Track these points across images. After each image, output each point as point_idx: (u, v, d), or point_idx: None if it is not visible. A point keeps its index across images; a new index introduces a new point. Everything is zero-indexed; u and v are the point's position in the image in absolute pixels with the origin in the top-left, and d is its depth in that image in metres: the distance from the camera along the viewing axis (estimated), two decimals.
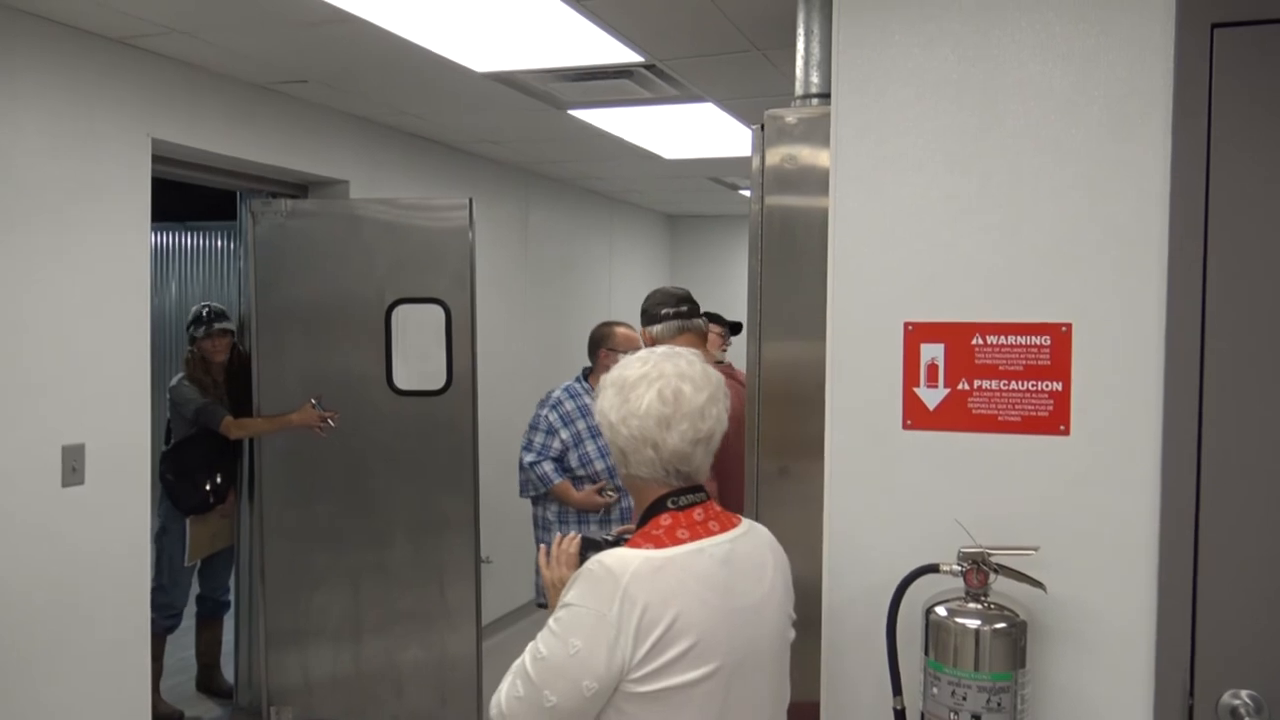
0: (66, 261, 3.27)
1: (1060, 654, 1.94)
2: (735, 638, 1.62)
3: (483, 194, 5.02)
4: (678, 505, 1.68)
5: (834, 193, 2.10)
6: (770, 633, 1.71)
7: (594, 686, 1.56)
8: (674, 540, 1.63)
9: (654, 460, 1.67)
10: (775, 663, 1.73)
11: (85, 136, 3.32)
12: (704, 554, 1.63)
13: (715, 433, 1.71)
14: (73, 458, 3.28)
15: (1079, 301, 1.94)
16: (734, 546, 1.68)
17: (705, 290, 8.65)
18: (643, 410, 1.66)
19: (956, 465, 2.02)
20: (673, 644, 1.56)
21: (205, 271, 8.29)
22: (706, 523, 1.68)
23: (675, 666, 1.56)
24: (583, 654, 1.56)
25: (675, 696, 1.57)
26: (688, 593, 1.58)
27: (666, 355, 1.74)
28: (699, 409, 1.67)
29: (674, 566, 1.60)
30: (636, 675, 1.56)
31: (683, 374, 1.70)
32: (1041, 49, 1.95)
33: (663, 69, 3.70)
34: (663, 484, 1.69)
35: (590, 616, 1.57)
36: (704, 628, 1.58)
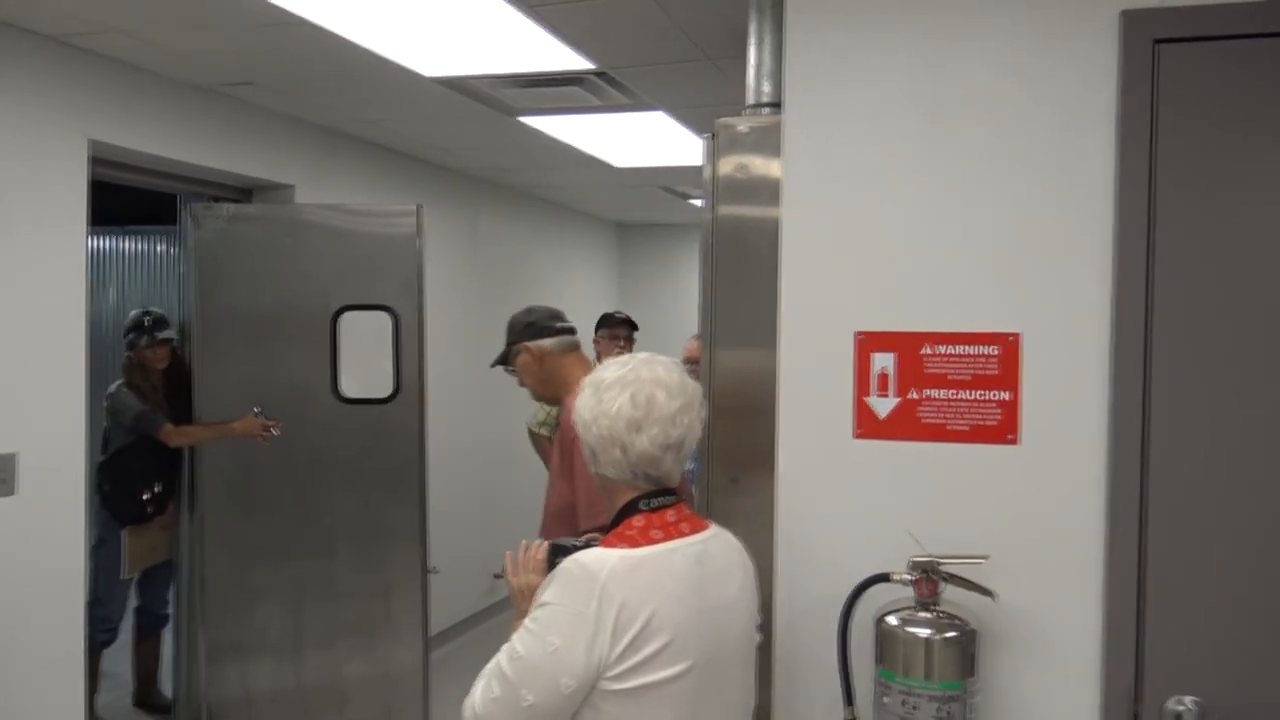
0: (2, 264, 3.16)
1: (1010, 662, 1.96)
2: (707, 637, 1.64)
3: (432, 201, 4.96)
4: (650, 506, 1.69)
5: (785, 201, 2.10)
6: (739, 634, 1.73)
7: (571, 685, 1.57)
8: (648, 540, 1.65)
9: (621, 462, 1.69)
10: (743, 665, 1.75)
11: (19, 137, 3.22)
12: (678, 553, 1.66)
13: (686, 440, 1.72)
14: (3, 468, 3.17)
15: (1027, 311, 1.96)
16: (705, 547, 1.70)
17: (654, 298, 8.70)
18: (613, 412, 1.69)
19: (907, 474, 2.03)
20: (649, 641, 1.58)
21: (145, 276, 8.09)
22: (679, 524, 1.70)
23: (651, 664, 1.58)
24: (561, 652, 1.57)
25: (651, 694, 1.59)
26: (664, 591, 1.61)
27: (645, 361, 1.76)
28: (670, 416, 1.69)
29: (650, 565, 1.62)
30: (613, 673, 1.57)
31: (658, 380, 1.72)
32: (992, 62, 1.97)
33: (614, 77, 3.69)
34: (633, 486, 1.71)
35: (568, 614, 1.58)
36: (679, 626, 1.60)
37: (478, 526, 6.07)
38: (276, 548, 4.35)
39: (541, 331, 3.08)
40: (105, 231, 7.21)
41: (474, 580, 6.19)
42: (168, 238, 7.83)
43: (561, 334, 3.05)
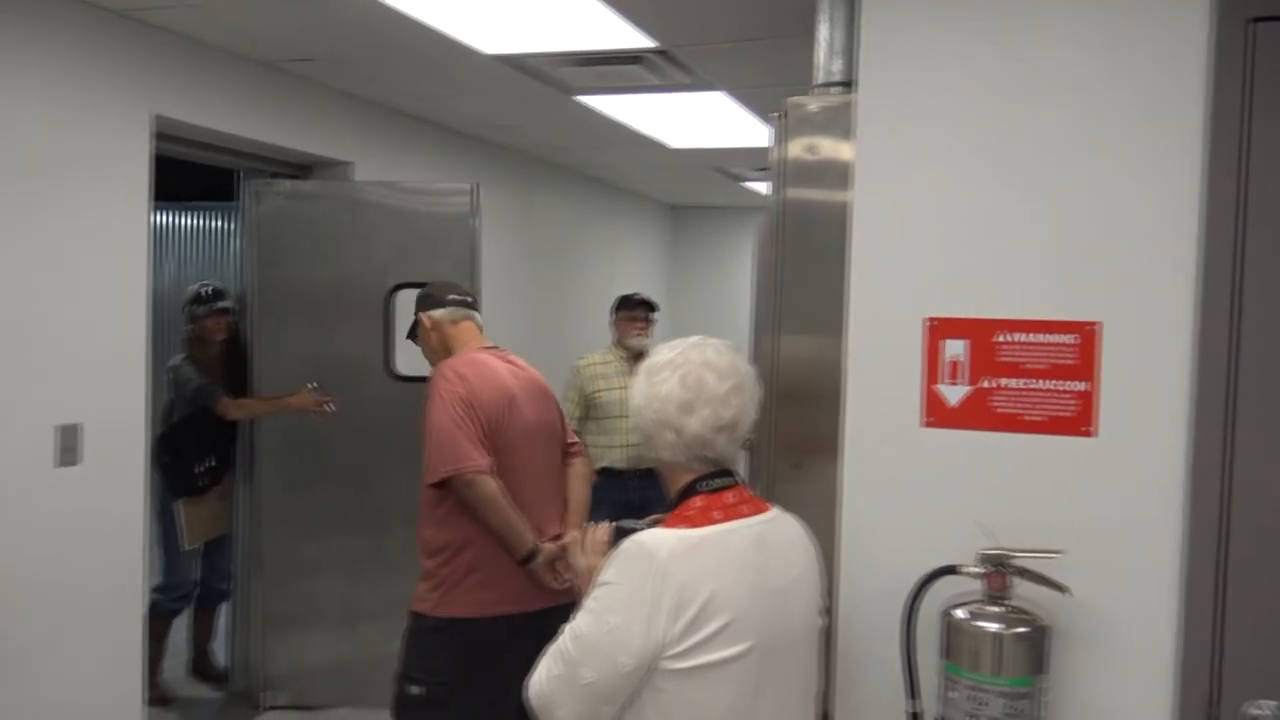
0: (66, 238, 3.20)
1: (1082, 660, 1.91)
2: (768, 618, 1.64)
3: (486, 179, 4.95)
4: (710, 488, 1.69)
5: (856, 183, 2.05)
6: (800, 617, 1.72)
7: (629, 663, 1.58)
8: (708, 520, 1.65)
9: (675, 444, 1.70)
10: (805, 648, 1.75)
11: (87, 111, 3.25)
12: (737, 534, 1.66)
13: (740, 421, 1.72)
14: (68, 438, 3.22)
15: (1108, 299, 1.90)
16: (765, 529, 1.70)
17: (706, 281, 8.65)
18: (663, 395, 1.70)
19: (977, 464, 1.98)
20: (708, 621, 1.58)
21: (202, 252, 8.22)
22: (739, 506, 1.70)
23: (710, 644, 1.58)
24: (619, 631, 1.58)
25: (711, 674, 1.59)
26: (722, 571, 1.61)
27: (695, 344, 1.76)
28: (721, 397, 1.69)
29: (709, 545, 1.62)
30: (672, 652, 1.58)
31: (707, 362, 1.72)
32: (1074, 40, 1.90)
33: (675, 55, 3.64)
34: (689, 469, 1.71)
35: (626, 594, 1.59)
36: (739, 606, 1.60)
37: None
38: (331, 521, 4.39)
39: (435, 302, 3.19)
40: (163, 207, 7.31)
41: None
42: (224, 214, 7.95)
43: (453, 305, 3.16)
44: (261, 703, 4.43)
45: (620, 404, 4.99)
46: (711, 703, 1.60)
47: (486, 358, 3.12)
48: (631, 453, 5.06)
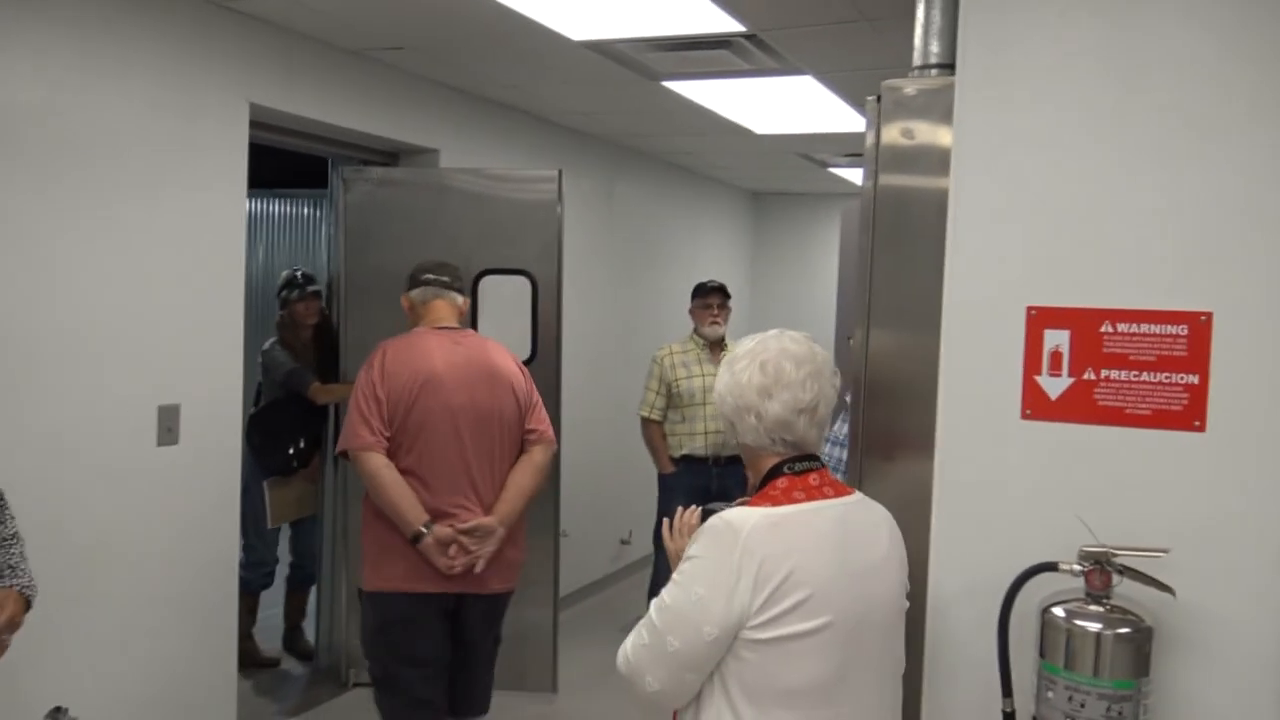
0: (168, 224, 3.30)
1: (1186, 664, 1.83)
2: (850, 595, 1.69)
3: (568, 166, 4.97)
4: (794, 470, 1.76)
5: (956, 167, 2.00)
6: (885, 597, 1.76)
7: (714, 632, 1.65)
8: (790, 500, 1.73)
9: (757, 428, 1.77)
10: (891, 628, 1.78)
11: (186, 101, 3.34)
12: (820, 513, 1.72)
13: (819, 405, 1.79)
14: (168, 418, 3.32)
15: (1221, 290, 1.81)
16: (849, 510, 1.76)
17: (789, 269, 8.56)
18: (744, 381, 1.79)
19: (1078, 458, 1.92)
20: (789, 594, 1.64)
21: (290, 239, 8.39)
22: (822, 487, 1.76)
23: (791, 616, 1.64)
24: (705, 600, 1.65)
25: (791, 645, 1.65)
26: (804, 547, 1.67)
27: (774, 335, 1.84)
28: (799, 382, 1.77)
29: (791, 522, 1.69)
30: (755, 623, 1.64)
31: (785, 350, 1.80)
32: (1190, 16, 1.82)
33: (763, 39, 3.60)
34: (774, 452, 1.78)
35: (712, 566, 1.67)
36: (819, 581, 1.66)
37: (607, 492, 6.11)
38: None
39: (411, 282, 3.34)
40: (253, 194, 7.50)
41: (603, 545, 6.26)
42: (311, 200, 8.11)
43: (424, 284, 3.29)
44: (347, 680, 4.53)
45: (700, 392, 4.98)
46: (791, 673, 1.66)
47: (425, 338, 3.21)
48: (712, 440, 5.05)
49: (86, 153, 3.03)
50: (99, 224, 3.08)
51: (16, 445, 2.85)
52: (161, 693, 3.37)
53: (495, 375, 3.21)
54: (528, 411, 3.26)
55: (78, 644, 3.05)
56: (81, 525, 3.06)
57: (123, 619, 3.22)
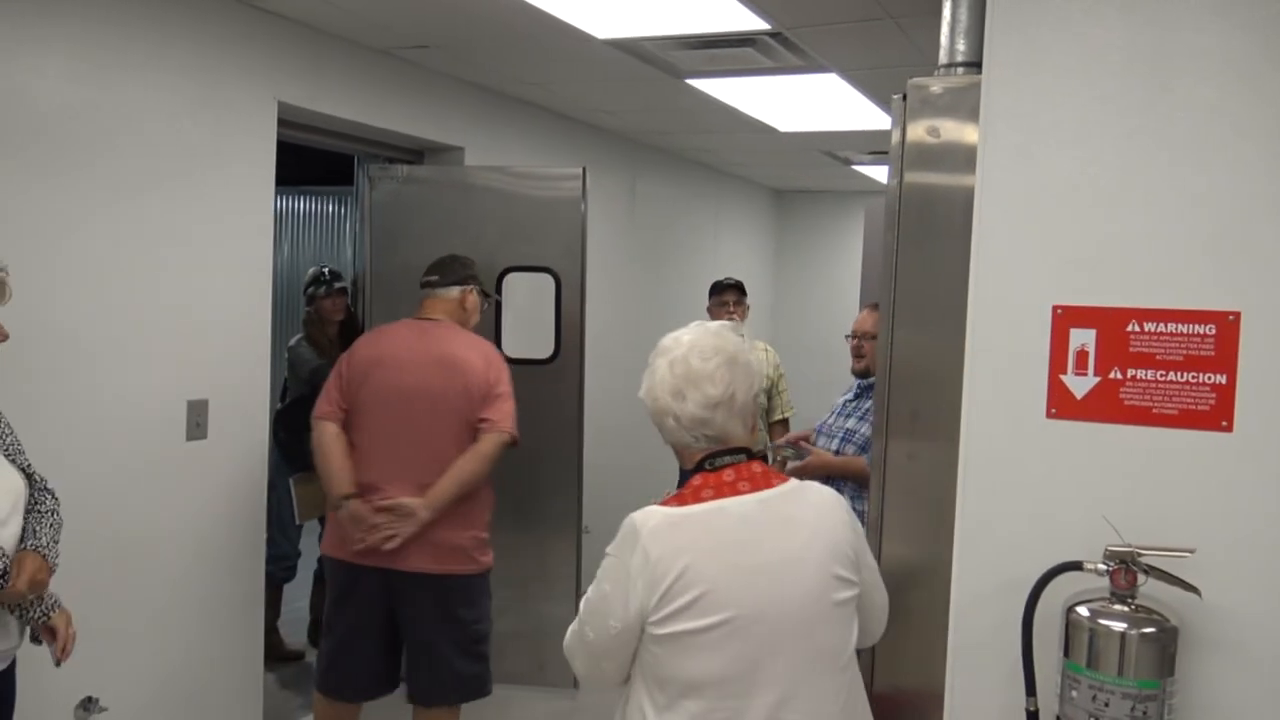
0: (198, 221, 3.33)
1: (1212, 665, 1.83)
2: (753, 591, 1.74)
3: (592, 163, 4.97)
4: (713, 467, 1.82)
5: (982, 166, 1.99)
6: (801, 590, 1.77)
7: (617, 626, 1.76)
8: (697, 499, 1.79)
9: (676, 428, 1.84)
10: (812, 619, 1.78)
11: (216, 99, 3.37)
12: (724, 512, 1.78)
13: (735, 394, 1.82)
14: (197, 413, 3.36)
15: (1249, 289, 1.81)
16: (760, 506, 1.79)
17: (812, 267, 8.55)
18: (656, 383, 1.85)
19: (1104, 458, 1.91)
20: (683, 593, 1.71)
21: (316, 236, 8.46)
22: (736, 483, 1.80)
23: (684, 614, 1.71)
24: (610, 597, 1.78)
25: (689, 640, 1.72)
26: (700, 546, 1.74)
27: (689, 329, 1.89)
28: (709, 376, 1.80)
29: (690, 522, 1.76)
30: (653, 619, 1.73)
31: (693, 345, 1.84)
32: (1219, 14, 1.81)
33: (788, 37, 3.60)
34: (698, 448, 1.83)
35: (617, 565, 1.78)
36: (713, 579, 1.72)
37: (630, 488, 6.11)
38: None
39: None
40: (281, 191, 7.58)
41: None
42: (336, 198, 8.17)
43: (420, 286, 3.56)
44: None
45: None
46: (692, 666, 1.73)
47: (398, 325, 3.48)
48: None
49: (117, 150, 3.07)
50: (129, 220, 3.11)
51: (48, 439, 2.89)
52: (189, 685, 3.41)
53: (450, 363, 3.32)
54: (485, 401, 3.31)
55: (107, 635, 3.09)
56: (112, 519, 3.10)
57: (152, 612, 3.26)
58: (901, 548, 2.22)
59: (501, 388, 3.37)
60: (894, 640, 2.18)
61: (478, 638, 3.44)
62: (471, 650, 3.41)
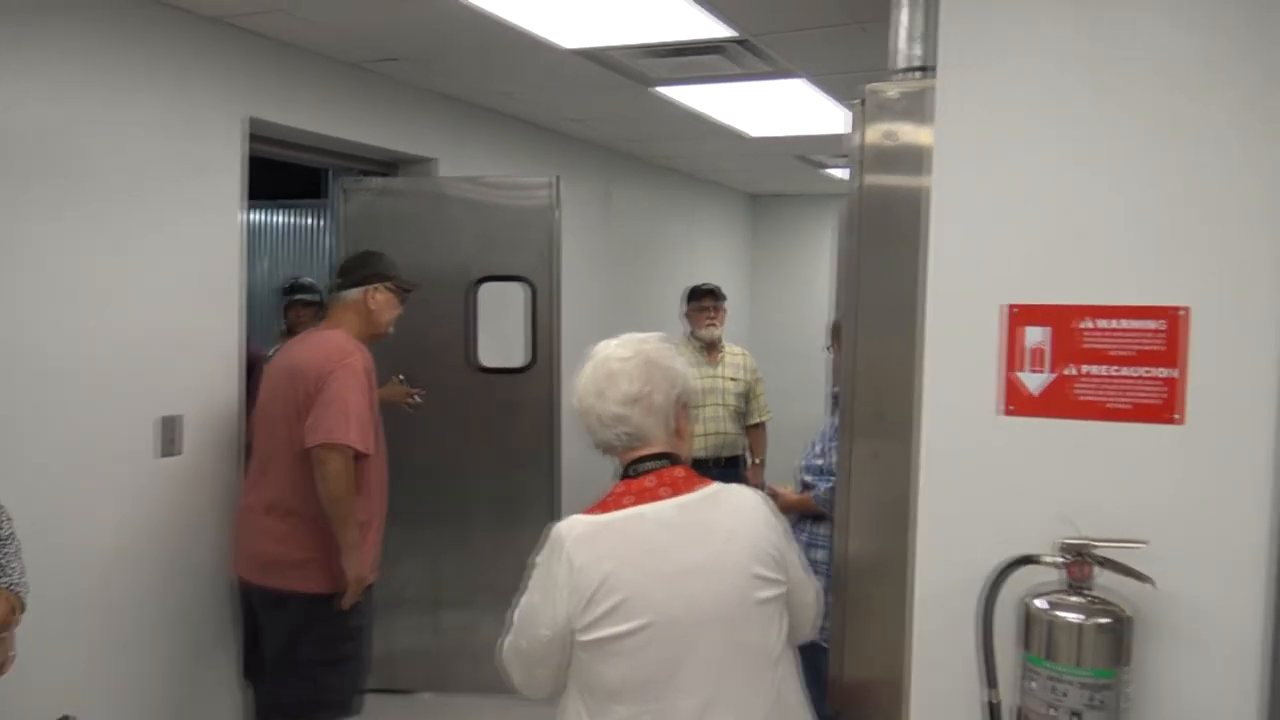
0: (165, 237, 3.35)
1: (1167, 653, 1.86)
2: (672, 595, 1.79)
3: (565, 172, 5.01)
4: (634, 473, 1.88)
5: (936, 168, 2.03)
6: (721, 591, 1.82)
7: (547, 634, 1.81)
8: (618, 506, 1.85)
9: (599, 427, 1.91)
10: (733, 620, 1.83)
11: (185, 116, 3.39)
12: (643, 519, 1.83)
13: (652, 393, 1.89)
14: (169, 429, 3.36)
15: (1198, 285, 1.84)
16: (679, 511, 1.85)
17: (788, 270, 8.59)
18: (580, 385, 1.93)
19: (1059, 453, 1.95)
20: (605, 599, 1.76)
21: (295, 249, 8.45)
22: (657, 489, 1.86)
23: (607, 620, 1.76)
24: (538, 606, 1.82)
25: (610, 645, 1.77)
26: (620, 553, 1.79)
27: (614, 339, 1.98)
28: (626, 374, 1.89)
29: (611, 530, 1.82)
30: (579, 626, 1.78)
31: (616, 347, 1.94)
32: (1166, 18, 1.85)
33: (754, 44, 3.64)
34: (625, 451, 1.91)
35: (544, 573, 1.83)
36: (634, 584, 1.77)
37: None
38: (415, 511, 4.49)
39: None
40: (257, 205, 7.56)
41: None
42: (315, 211, 8.16)
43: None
44: None
45: (699, 394, 5.02)
46: (617, 671, 1.78)
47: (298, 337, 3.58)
48: (712, 441, 5.09)
49: (86, 167, 3.08)
50: (99, 237, 3.12)
51: (22, 458, 2.90)
52: (165, 702, 3.42)
53: (293, 373, 3.24)
54: (311, 412, 3.14)
55: (82, 653, 3.09)
56: (85, 537, 3.11)
57: (128, 629, 3.26)
58: (868, 544, 2.25)
59: (328, 392, 3.13)
60: (861, 632, 2.22)
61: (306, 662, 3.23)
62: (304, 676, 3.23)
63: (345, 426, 3.11)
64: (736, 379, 5.26)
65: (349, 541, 3.16)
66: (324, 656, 3.23)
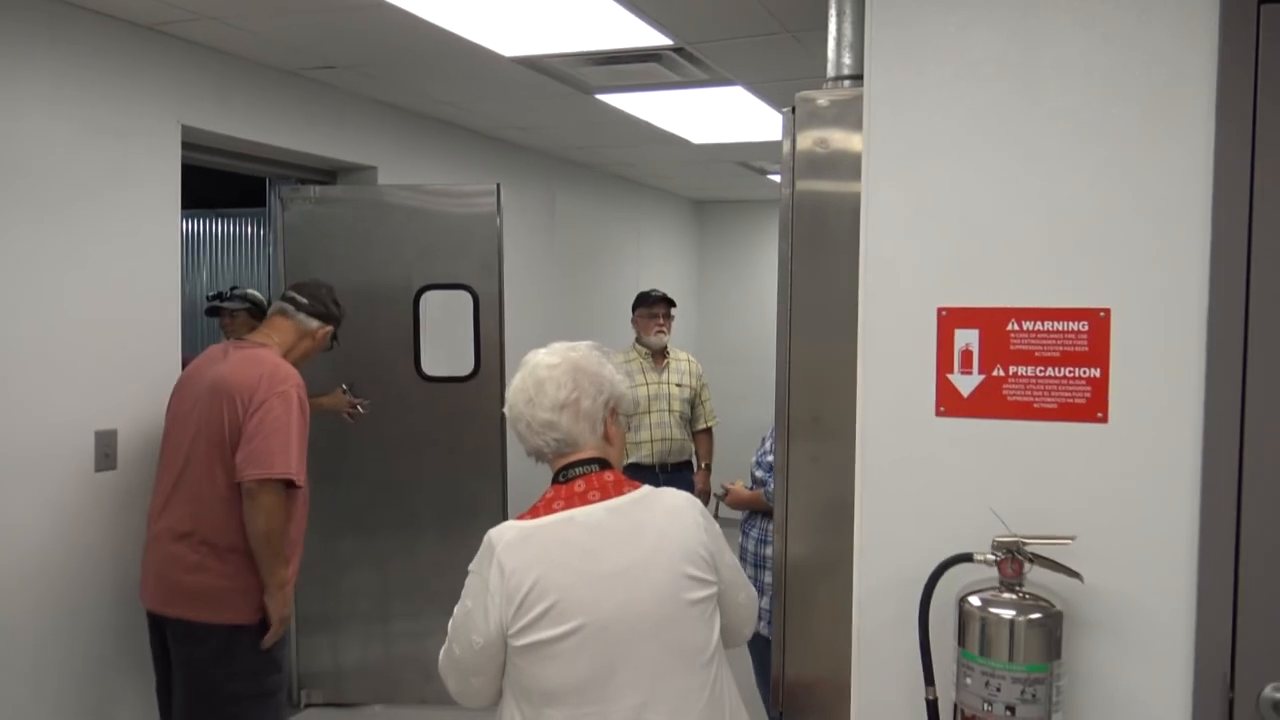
0: (99, 248, 3.29)
1: (1097, 645, 1.91)
2: (603, 597, 1.80)
3: (510, 180, 5.01)
4: (566, 478, 1.91)
5: (866, 175, 2.06)
6: (652, 592, 1.84)
7: (480, 641, 1.81)
8: (549, 510, 1.87)
9: (529, 433, 1.93)
10: (665, 620, 1.84)
11: (117, 123, 3.33)
12: (573, 523, 1.85)
13: (579, 399, 1.92)
14: (105, 443, 3.30)
15: (1118, 286, 1.90)
16: (609, 514, 1.87)
17: (734, 276, 8.65)
18: (513, 392, 1.96)
19: (991, 452, 1.99)
20: (536, 603, 1.77)
21: (236, 258, 8.34)
22: (586, 493, 1.89)
23: (539, 624, 1.77)
24: (472, 613, 1.83)
25: (546, 649, 1.78)
26: (550, 557, 1.81)
27: (548, 346, 2.01)
28: (555, 380, 1.92)
29: (541, 534, 1.84)
30: (512, 631, 1.79)
31: (544, 356, 1.97)
32: (1082, 28, 1.91)
33: (691, 52, 3.67)
34: (556, 457, 1.93)
35: (477, 580, 1.84)
36: (564, 588, 1.78)
37: None
38: (361, 521, 4.46)
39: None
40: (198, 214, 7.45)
41: None
42: (257, 220, 8.06)
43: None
44: (299, 701, 4.51)
45: (645, 400, 5.04)
46: (551, 675, 1.79)
47: (212, 348, 3.29)
48: (658, 448, 5.11)
49: (19, 176, 3.02)
50: (31, 248, 3.06)
51: None
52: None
53: (219, 390, 3.02)
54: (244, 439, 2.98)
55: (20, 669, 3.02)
56: (19, 553, 3.03)
57: (62, 645, 3.19)
58: (808, 545, 2.28)
59: (269, 422, 2.98)
60: (804, 632, 2.25)
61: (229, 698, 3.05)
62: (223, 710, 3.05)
63: (287, 459, 2.99)
64: (682, 384, 5.28)
65: (277, 579, 3.03)
66: (249, 690, 3.06)
